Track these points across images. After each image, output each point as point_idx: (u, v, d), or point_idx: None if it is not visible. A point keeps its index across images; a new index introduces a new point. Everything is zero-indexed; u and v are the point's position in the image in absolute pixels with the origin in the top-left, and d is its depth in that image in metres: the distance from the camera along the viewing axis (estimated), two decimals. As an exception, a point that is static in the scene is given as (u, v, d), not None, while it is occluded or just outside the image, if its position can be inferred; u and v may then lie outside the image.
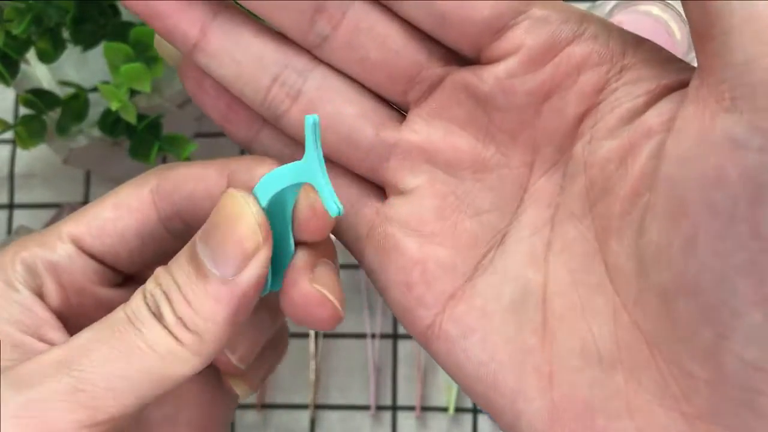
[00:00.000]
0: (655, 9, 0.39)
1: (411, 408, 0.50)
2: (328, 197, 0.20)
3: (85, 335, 0.21)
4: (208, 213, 0.22)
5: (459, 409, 0.50)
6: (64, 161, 0.45)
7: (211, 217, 0.22)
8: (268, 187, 0.22)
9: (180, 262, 0.22)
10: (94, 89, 0.43)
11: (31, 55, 0.44)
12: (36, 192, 0.52)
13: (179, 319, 0.21)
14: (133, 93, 0.40)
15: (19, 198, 0.53)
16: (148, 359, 0.21)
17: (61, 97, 0.43)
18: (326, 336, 0.51)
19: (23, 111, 0.47)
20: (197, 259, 0.21)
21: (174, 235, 0.25)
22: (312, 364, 0.50)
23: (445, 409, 0.50)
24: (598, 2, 0.42)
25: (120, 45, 0.37)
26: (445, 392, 0.50)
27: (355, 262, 0.28)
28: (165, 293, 0.21)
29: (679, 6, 0.38)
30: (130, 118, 0.39)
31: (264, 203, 0.22)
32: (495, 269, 0.23)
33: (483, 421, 0.50)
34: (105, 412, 0.20)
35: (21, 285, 0.23)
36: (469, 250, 0.23)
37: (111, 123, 0.43)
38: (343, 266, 0.51)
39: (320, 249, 0.24)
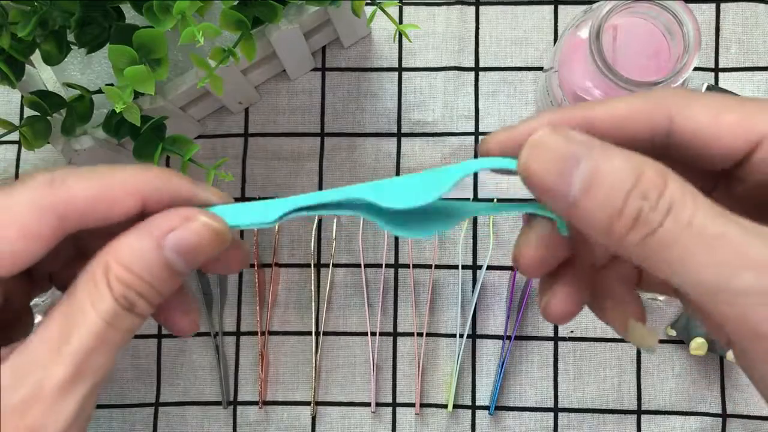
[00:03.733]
0: (652, 11, 0.39)
1: (411, 405, 0.50)
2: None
3: None
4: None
5: (457, 406, 0.50)
6: (68, 162, 0.45)
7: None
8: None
9: None
10: (99, 91, 0.43)
11: (36, 57, 0.45)
12: (40, 192, 0.53)
13: None
14: (137, 95, 0.40)
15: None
16: None
17: (65, 98, 0.43)
18: (327, 333, 0.51)
19: (28, 112, 0.48)
20: None
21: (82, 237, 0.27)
22: (313, 361, 0.51)
23: (444, 406, 0.50)
24: (596, 4, 0.42)
25: (124, 47, 0.37)
26: (444, 389, 0.50)
27: (357, 261, 0.29)
28: None
29: (675, 7, 0.38)
30: (134, 119, 0.39)
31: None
32: None
33: (481, 417, 0.50)
34: None
35: None
36: None
37: (115, 124, 0.43)
38: (344, 265, 0.52)
39: None
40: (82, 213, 0.25)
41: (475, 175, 0.52)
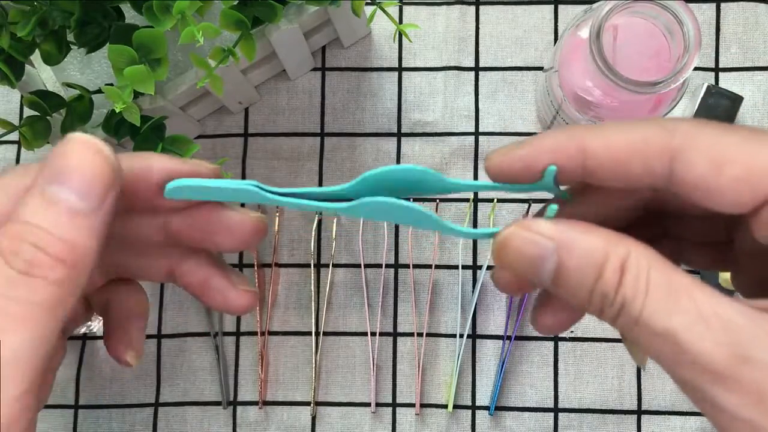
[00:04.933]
0: (653, 11, 0.39)
1: (411, 405, 0.50)
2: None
3: None
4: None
5: (457, 406, 0.50)
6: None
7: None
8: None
9: None
10: (99, 91, 0.43)
11: (35, 57, 0.45)
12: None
13: None
14: (136, 95, 0.40)
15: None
16: None
17: (65, 98, 0.43)
18: (327, 333, 0.51)
19: (28, 112, 0.48)
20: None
21: None
22: (313, 362, 0.51)
23: (444, 406, 0.50)
24: (596, 4, 0.42)
25: (124, 47, 0.37)
26: (444, 390, 0.50)
27: (357, 261, 0.29)
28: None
29: (675, 7, 0.38)
30: (134, 119, 0.39)
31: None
32: None
33: (481, 417, 0.50)
34: None
35: None
36: None
37: (115, 124, 0.43)
38: (344, 265, 0.52)
39: None
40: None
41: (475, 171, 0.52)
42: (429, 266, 0.51)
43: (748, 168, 0.22)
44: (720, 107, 0.49)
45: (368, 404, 0.50)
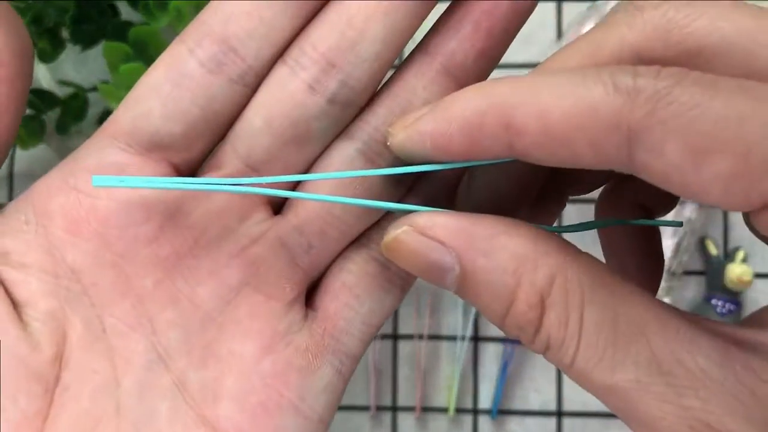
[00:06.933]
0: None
1: (411, 408, 0.50)
2: None
3: None
4: None
5: (459, 410, 0.50)
6: (63, 161, 0.45)
7: None
8: None
9: None
10: (94, 89, 0.43)
11: (30, 54, 0.44)
12: (35, 192, 0.52)
13: None
14: (132, 93, 0.40)
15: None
16: None
17: (60, 96, 0.43)
18: (326, 336, 0.51)
19: (22, 111, 0.47)
20: None
21: None
22: (312, 365, 0.50)
23: (445, 410, 0.50)
24: (599, 2, 0.41)
25: (119, 45, 0.37)
26: (446, 393, 0.50)
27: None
28: None
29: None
30: (130, 118, 0.39)
31: None
32: None
33: (483, 422, 0.49)
34: None
35: None
36: None
37: (110, 123, 0.43)
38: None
39: None
40: None
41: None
42: (430, 267, 0.50)
43: (743, 160, 0.14)
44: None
45: (368, 408, 0.50)
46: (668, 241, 0.47)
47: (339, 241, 0.21)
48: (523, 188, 0.21)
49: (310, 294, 0.21)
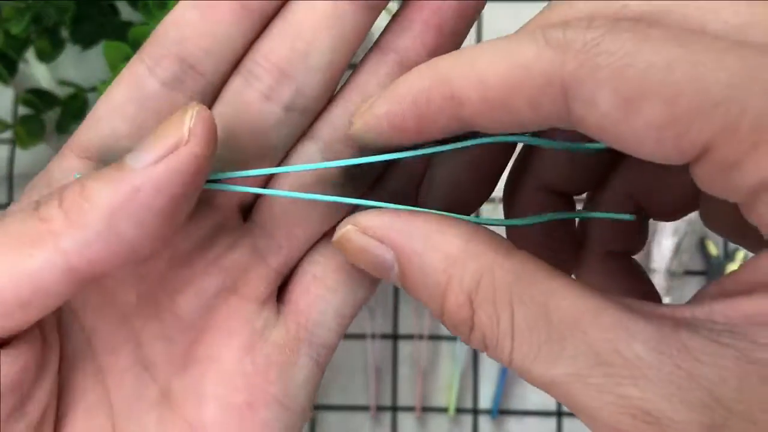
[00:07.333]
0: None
1: (411, 408, 0.50)
2: None
3: None
4: None
5: (459, 410, 0.50)
6: (63, 161, 0.45)
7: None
8: None
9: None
10: (94, 88, 0.43)
11: (30, 54, 0.44)
12: (35, 192, 0.52)
13: (60, 201, 0.17)
14: (132, 92, 0.40)
15: (18, 198, 0.52)
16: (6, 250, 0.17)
17: (60, 96, 0.43)
18: (326, 336, 0.51)
19: (22, 110, 0.47)
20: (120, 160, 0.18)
21: None
22: (312, 365, 0.50)
23: (445, 410, 0.50)
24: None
25: (119, 44, 0.37)
26: (446, 393, 0.50)
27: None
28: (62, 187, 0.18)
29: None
30: (130, 117, 0.39)
31: None
32: None
33: (483, 421, 0.49)
34: None
35: None
36: None
37: (110, 122, 0.43)
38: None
39: None
40: None
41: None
42: (430, 267, 0.50)
43: (671, 107, 0.14)
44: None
45: (368, 408, 0.50)
46: (668, 241, 0.47)
47: (307, 241, 0.21)
48: (483, 177, 0.21)
49: (282, 289, 0.22)
